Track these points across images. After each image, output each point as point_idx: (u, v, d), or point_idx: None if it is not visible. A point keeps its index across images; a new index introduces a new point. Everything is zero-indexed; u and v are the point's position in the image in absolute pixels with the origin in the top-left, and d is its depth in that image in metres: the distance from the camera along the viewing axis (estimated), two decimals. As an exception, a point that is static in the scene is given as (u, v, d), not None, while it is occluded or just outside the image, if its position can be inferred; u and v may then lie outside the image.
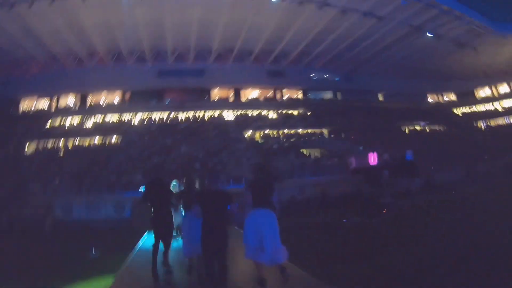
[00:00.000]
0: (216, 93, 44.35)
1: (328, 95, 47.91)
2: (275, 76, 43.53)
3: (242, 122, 38.12)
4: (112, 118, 40.09)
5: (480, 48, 42.85)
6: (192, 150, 29.95)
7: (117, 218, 22.09)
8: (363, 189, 24.15)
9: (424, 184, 26.31)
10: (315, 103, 44.58)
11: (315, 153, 32.02)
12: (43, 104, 43.55)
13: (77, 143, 34.48)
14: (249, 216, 6.95)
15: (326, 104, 44.96)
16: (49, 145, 34.40)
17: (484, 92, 54.55)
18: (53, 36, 35.56)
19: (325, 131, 37.51)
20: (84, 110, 41.57)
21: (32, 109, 43.24)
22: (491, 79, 51.98)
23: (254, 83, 44.33)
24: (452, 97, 56.20)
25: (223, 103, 42.90)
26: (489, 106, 53.09)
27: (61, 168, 28.26)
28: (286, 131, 36.56)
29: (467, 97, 54.74)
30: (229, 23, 35.22)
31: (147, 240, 12.70)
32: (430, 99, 55.71)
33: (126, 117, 40.28)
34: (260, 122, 38.16)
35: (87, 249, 14.15)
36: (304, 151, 31.81)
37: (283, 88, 45.71)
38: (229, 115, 40.99)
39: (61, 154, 31.60)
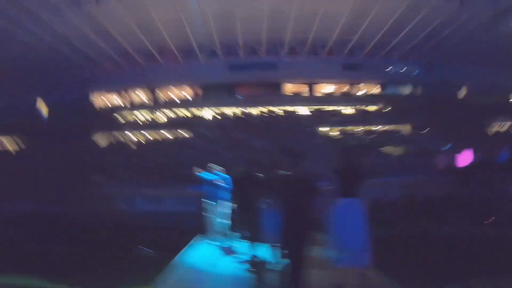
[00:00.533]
0: (289, 88, 42.20)
1: (407, 89, 43.99)
2: (350, 69, 40.59)
3: (317, 117, 35.97)
4: (183, 112, 39.33)
5: None
6: (265, 145, 28.13)
7: (181, 212, 20.66)
8: (458, 191, 21.06)
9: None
10: (394, 98, 41.13)
11: (398, 151, 29.04)
12: (114, 99, 43.80)
13: (146, 137, 33.69)
14: (335, 207, 5.73)
15: (406, 99, 41.46)
16: (119, 138, 33.98)
17: None
18: (124, 33, 35.88)
19: (407, 128, 34.38)
20: (155, 105, 41.18)
21: (104, 104, 43.55)
22: None
23: (328, 77, 41.52)
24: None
25: (296, 98, 40.75)
26: None
27: (127, 161, 27.53)
28: (364, 127, 33.90)
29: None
30: (301, 13, 33.44)
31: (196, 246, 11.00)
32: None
33: (197, 112, 39.25)
34: (336, 118, 35.79)
35: (140, 245, 13.01)
36: (386, 149, 28.94)
37: (359, 82, 42.62)
38: (303, 110, 38.73)
39: (129, 147, 30.97)
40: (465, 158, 24.23)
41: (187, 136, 32.77)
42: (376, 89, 43.24)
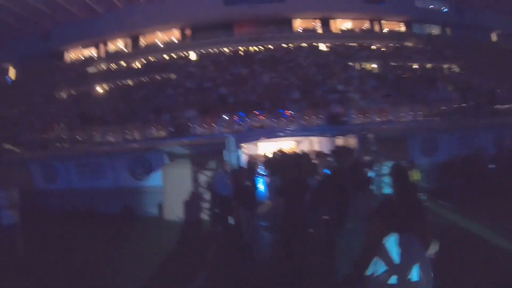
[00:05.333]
0: (300, 24, 31.02)
1: (435, 29, 33.39)
2: (373, 2, 29.80)
3: (342, 52, 25.29)
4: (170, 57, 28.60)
5: None
6: (282, 79, 17.58)
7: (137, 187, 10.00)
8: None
9: None
10: (422, 37, 30.65)
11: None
12: (89, 52, 32.51)
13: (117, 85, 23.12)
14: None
15: (437, 39, 30.95)
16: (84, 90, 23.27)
17: None
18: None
19: (454, 67, 24.12)
20: (136, 52, 30.10)
21: (78, 58, 32.32)
22: None
23: (347, 11, 30.33)
24: None
25: (309, 34, 29.64)
26: None
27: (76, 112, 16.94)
28: (402, 63, 23.63)
29: None
30: None
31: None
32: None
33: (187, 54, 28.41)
34: (365, 52, 25.22)
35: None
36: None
37: (383, 18, 31.64)
38: (320, 46, 27.92)
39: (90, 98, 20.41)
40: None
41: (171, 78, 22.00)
42: (401, 27, 32.40)
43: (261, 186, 10.50)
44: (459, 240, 6.24)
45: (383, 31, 31.50)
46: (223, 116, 12.30)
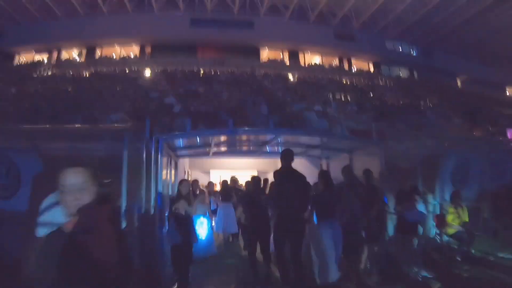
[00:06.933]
0: (267, 54, 29.24)
1: (403, 71, 32.58)
2: (344, 39, 28.66)
3: (312, 82, 23.56)
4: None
5: None
6: (245, 97, 15.31)
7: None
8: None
9: None
10: (391, 78, 29.94)
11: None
12: (40, 57, 29.01)
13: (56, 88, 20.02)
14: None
15: (405, 81, 30.37)
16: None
17: None
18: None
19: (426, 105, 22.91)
20: (90, 63, 27.15)
21: (27, 62, 28.81)
22: None
23: (316, 45, 28.94)
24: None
25: (276, 65, 27.84)
26: None
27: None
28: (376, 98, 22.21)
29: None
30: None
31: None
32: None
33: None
34: (336, 85, 23.62)
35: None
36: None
37: (353, 56, 30.47)
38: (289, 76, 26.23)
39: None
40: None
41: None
42: (370, 66, 31.34)
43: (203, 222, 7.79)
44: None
45: (352, 69, 30.23)
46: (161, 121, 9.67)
